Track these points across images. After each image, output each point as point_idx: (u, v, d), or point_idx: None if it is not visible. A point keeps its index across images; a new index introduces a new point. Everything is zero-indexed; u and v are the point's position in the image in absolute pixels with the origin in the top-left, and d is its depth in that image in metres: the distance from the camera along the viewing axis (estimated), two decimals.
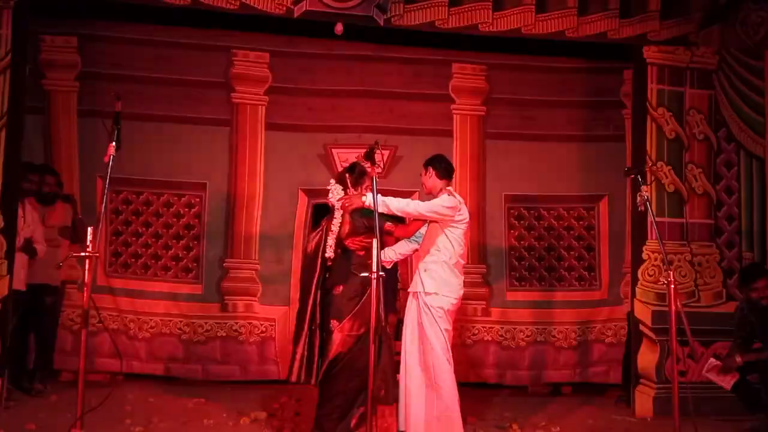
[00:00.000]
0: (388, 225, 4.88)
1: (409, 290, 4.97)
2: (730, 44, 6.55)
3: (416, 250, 5.09)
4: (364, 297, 4.65)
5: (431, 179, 5.01)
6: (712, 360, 5.75)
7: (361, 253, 4.78)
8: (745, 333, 5.72)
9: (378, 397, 4.54)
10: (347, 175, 4.91)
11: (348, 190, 4.83)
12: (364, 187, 4.86)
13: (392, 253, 5.13)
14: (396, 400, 4.77)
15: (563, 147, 7.39)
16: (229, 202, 7.08)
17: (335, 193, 4.85)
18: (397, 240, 5.13)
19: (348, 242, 4.79)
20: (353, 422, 4.67)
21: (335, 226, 4.80)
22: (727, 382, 5.55)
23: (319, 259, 4.82)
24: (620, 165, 7.10)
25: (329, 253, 4.79)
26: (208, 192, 7.09)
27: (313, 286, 4.81)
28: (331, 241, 4.79)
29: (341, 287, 4.76)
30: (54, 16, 6.64)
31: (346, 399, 4.68)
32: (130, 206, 7.02)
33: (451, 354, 4.79)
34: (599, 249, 7.41)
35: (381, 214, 4.49)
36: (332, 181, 4.96)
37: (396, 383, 4.79)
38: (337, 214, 4.82)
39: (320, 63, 7.22)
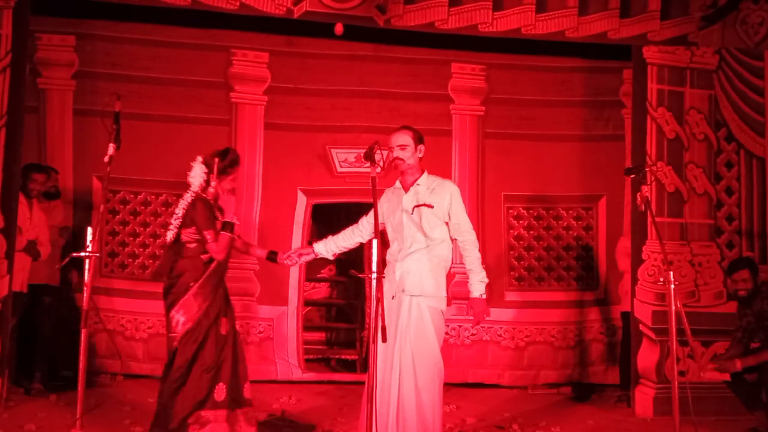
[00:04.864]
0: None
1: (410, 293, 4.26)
2: (730, 44, 6.55)
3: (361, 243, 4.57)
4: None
5: (418, 154, 4.35)
6: (709, 364, 5.66)
7: (192, 245, 4.41)
8: (742, 331, 5.69)
9: (215, 401, 4.28)
10: (217, 159, 4.35)
11: (211, 176, 4.32)
12: (230, 179, 4.40)
13: (324, 248, 4.61)
14: (241, 405, 4.43)
15: (562, 147, 7.39)
16: None
17: (195, 175, 4.35)
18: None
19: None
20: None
21: (179, 209, 4.41)
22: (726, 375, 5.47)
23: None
24: (619, 165, 7.11)
25: (169, 237, 4.43)
26: None
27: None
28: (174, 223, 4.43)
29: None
30: (51, 14, 6.62)
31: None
32: (127, 206, 6.99)
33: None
34: (597, 249, 7.43)
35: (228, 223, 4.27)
36: (199, 158, 4.42)
37: (240, 388, 4.45)
38: (183, 201, 4.40)
39: (320, 63, 7.20)
